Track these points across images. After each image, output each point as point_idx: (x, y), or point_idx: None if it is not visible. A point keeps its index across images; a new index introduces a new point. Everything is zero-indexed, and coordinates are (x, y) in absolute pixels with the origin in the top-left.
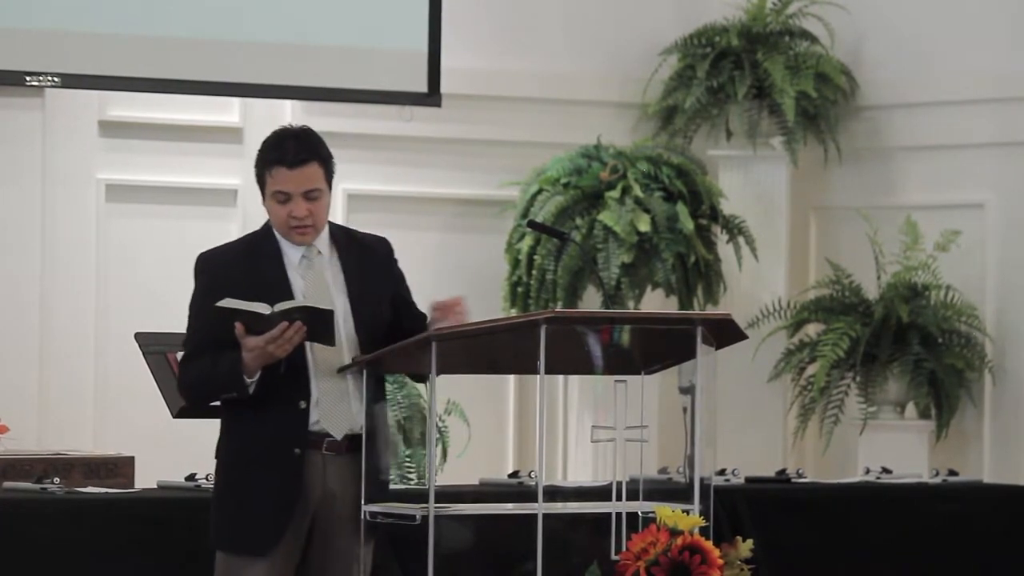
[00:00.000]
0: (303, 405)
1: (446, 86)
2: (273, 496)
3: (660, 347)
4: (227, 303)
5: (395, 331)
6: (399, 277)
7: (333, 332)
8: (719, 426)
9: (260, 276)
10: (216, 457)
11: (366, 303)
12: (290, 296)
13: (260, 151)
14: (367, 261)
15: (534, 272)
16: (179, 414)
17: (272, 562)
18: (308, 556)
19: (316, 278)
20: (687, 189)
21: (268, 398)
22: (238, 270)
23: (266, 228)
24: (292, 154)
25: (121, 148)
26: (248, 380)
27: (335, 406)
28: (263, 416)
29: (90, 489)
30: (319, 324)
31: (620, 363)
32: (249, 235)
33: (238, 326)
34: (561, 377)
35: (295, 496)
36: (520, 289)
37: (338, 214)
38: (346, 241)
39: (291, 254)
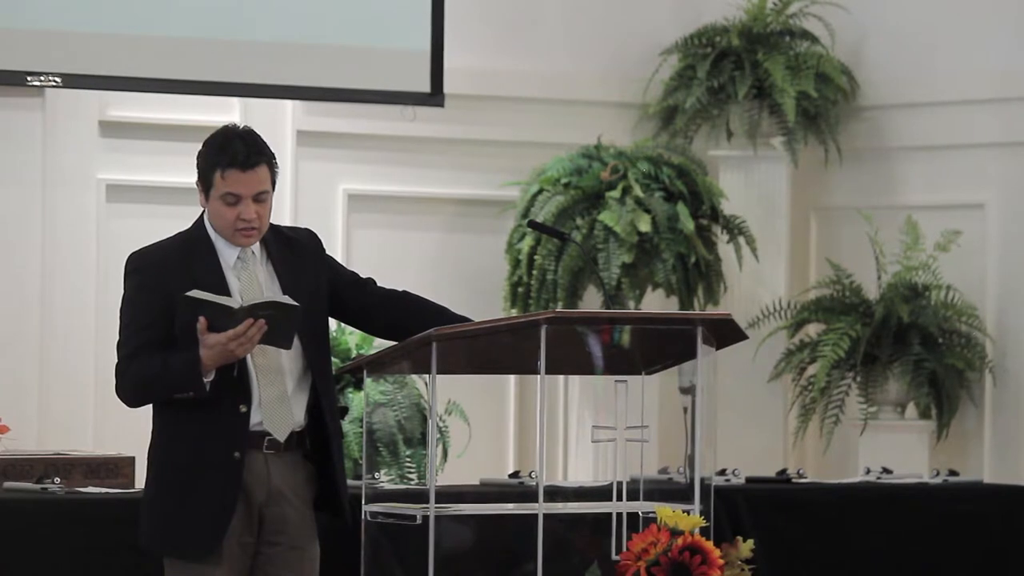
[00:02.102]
0: (244, 409)
1: (446, 86)
2: (215, 498)
3: (660, 347)
4: (197, 294)
5: (361, 313)
6: (332, 264)
7: (293, 332)
8: (719, 426)
9: (196, 276)
10: (149, 460)
11: (301, 299)
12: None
13: (207, 151)
14: (297, 256)
15: (535, 272)
16: None
17: (219, 564)
18: (261, 556)
19: (250, 278)
20: (687, 189)
21: (206, 401)
22: (174, 269)
23: (199, 228)
24: (244, 156)
25: (121, 148)
26: (205, 379)
27: (278, 408)
28: (202, 419)
29: (90, 489)
30: (283, 322)
31: (620, 363)
32: (182, 234)
33: (202, 321)
34: (561, 377)
35: (235, 497)
36: (520, 289)
37: (338, 214)
38: (274, 239)
39: (227, 254)
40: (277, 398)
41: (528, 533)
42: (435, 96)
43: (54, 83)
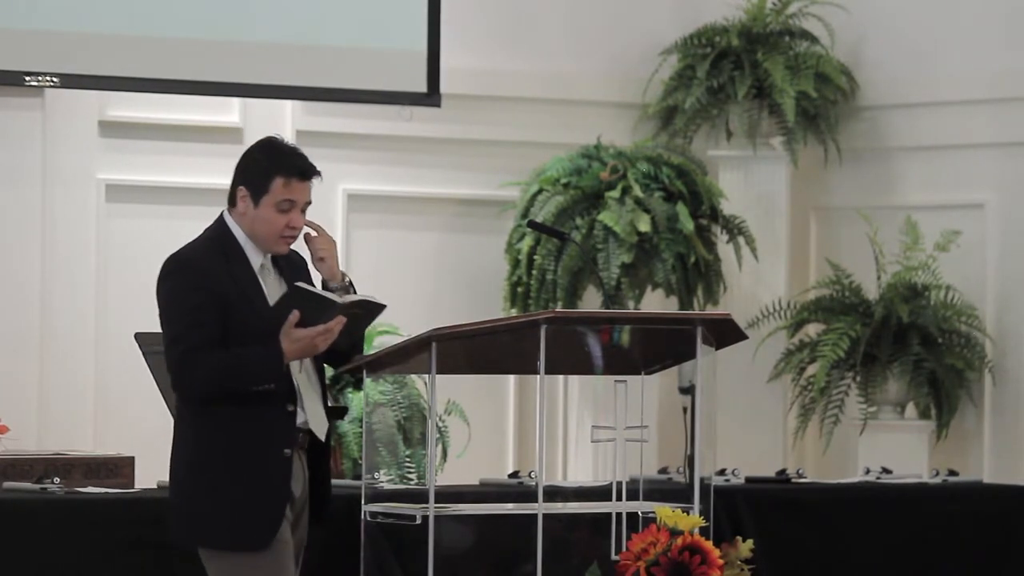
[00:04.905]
0: (291, 408)
1: (446, 86)
2: (270, 493)
3: (660, 347)
4: (306, 286)
5: None
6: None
7: (363, 331)
8: (719, 426)
9: (236, 279)
10: (187, 458)
11: None
12: (263, 300)
13: (265, 158)
14: (295, 269)
15: (534, 272)
16: None
17: (274, 555)
18: None
19: (273, 285)
20: (687, 189)
21: (259, 400)
22: (217, 272)
23: (226, 230)
24: (307, 166)
25: (121, 148)
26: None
27: (317, 408)
28: (255, 416)
29: (90, 489)
30: (364, 320)
31: (620, 363)
32: (210, 237)
33: (295, 314)
34: (561, 377)
35: (288, 493)
36: (520, 289)
37: (338, 214)
38: None
39: (253, 259)
40: (315, 398)
41: (528, 533)
42: (432, 96)
43: (52, 83)
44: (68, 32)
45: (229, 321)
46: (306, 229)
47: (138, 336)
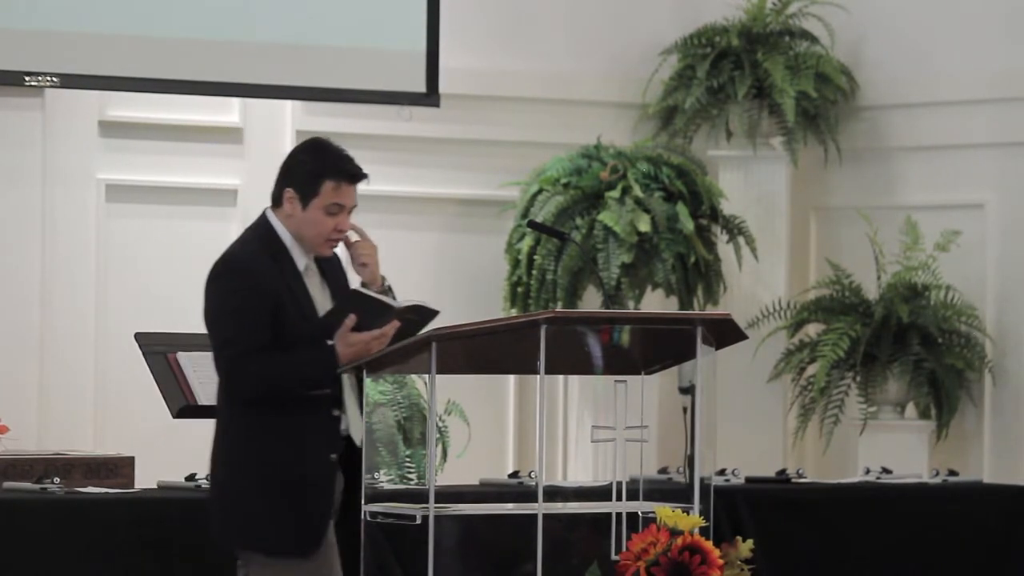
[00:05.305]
0: (336, 413)
1: (446, 86)
2: (319, 498)
3: (660, 347)
4: (365, 290)
5: None
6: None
7: (414, 336)
8: (719, 426)
9: (287, 281)
10: (231, 460)
11: None
12: (309, 302)
13: (315, 160)
14: (336, 271)
15: (534, 272)
16: (179, 414)
17: (321, 560)
18: None
19: (316, 286)
20: (687, 189)
21: (308, 404)
22: (268, 274)
23: (271, 232)
24: (357, 169)
25: (121, 148)
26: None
27: (355, 413)
28: (305, 421)
29: (90, 489)
30: (416, 326)
31: (620, 363)
32: (254, 238)
33: (351, 317)
34: (561, 377)
35: (333, 497)
36: (520, 289)
37: None
38: None
39: (299, 261)
40: (355, 404)
41: (528, 533)
42: (431, 96)
43: (52, 83)
44: (68, 32)
45: (278, 323)
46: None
47: (138, 336)
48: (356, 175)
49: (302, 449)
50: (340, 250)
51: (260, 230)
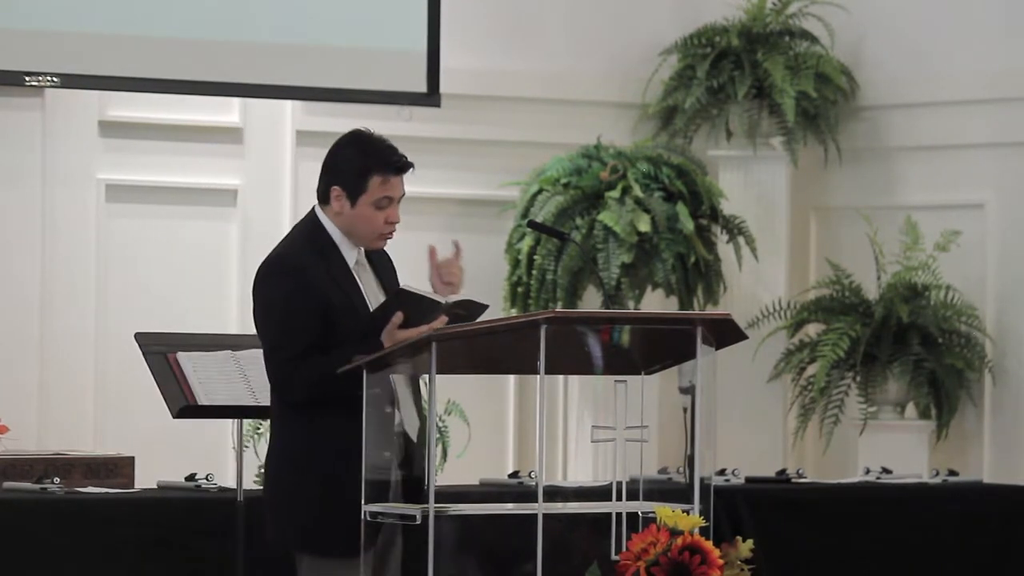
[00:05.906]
0: (388, 410)
1: (446, 86)
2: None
3: (660, 347)
4: (412, 288)
5: None
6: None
7: None
8: (719, 426)
9: (335, 279)
10: (285, 460)
11: None
12: (361, 299)
13: (359, 155)
14: (386, 264)
15: (534, 272)
16: (179, 414)
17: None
18: None
19: (369, 281)
20: (687, 189)
21: (356, 401)
22: (317, 272)
23: (320, 229)
24: (403, 160)
25: (121, 148)
26: None
27: (409, 410)
28: (353, 419)
29: (90, 489)
30: (465, 320)
31: (620, 363)
32: (303, 236)
33: (399, 315)
34: (561, 377)
35: (385, 498)
36: (520, 289)
37: None
38: None
39: (349, 257)
40: (409, 401)
41: (528, 533)
42: (431, 96)
43: (53, 83)
44: (68, 32)
45: (328, 321)
46: (434, 246)
47: (138, 336)
48: (403, 166)
49: (354, 448)
50: (396, 240)
51: (308, 227)
